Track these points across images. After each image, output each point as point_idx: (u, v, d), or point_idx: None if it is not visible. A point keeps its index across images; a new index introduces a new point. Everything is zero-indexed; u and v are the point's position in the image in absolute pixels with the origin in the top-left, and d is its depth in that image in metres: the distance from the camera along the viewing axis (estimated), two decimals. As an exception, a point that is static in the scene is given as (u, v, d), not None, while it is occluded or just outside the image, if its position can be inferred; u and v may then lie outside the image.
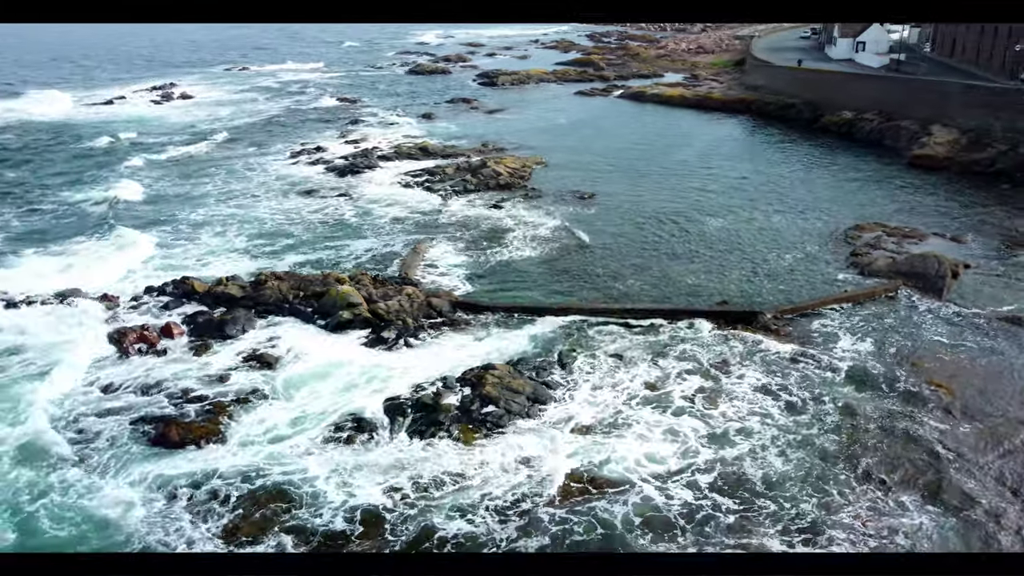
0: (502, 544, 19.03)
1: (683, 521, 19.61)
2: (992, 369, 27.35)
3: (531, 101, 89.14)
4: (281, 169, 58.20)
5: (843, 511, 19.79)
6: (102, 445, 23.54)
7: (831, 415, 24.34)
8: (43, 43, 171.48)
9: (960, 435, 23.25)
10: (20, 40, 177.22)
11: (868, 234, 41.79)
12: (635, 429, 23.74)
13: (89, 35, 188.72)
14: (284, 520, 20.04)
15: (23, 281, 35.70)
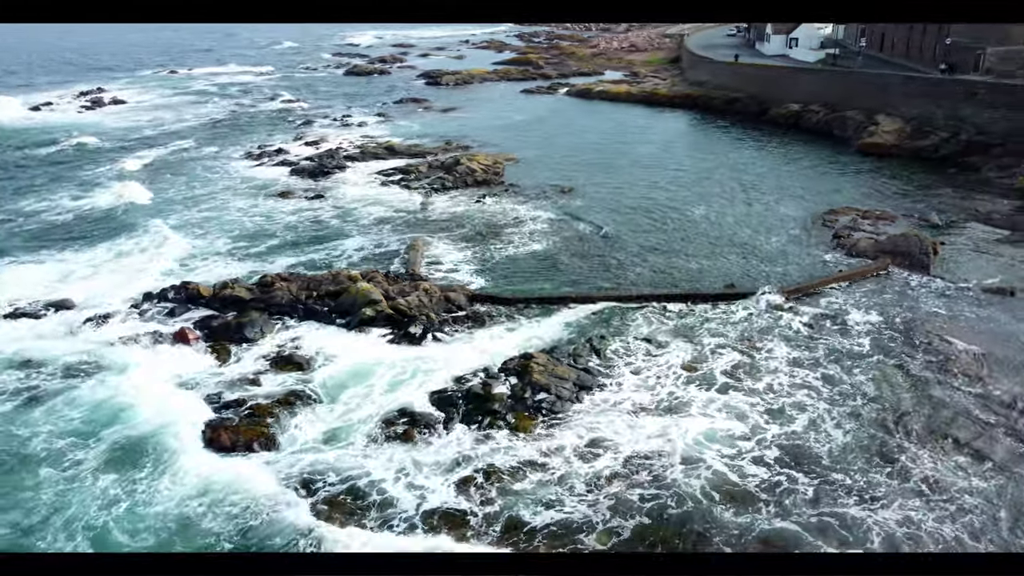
0: (598, 526, 19.28)
1: (764, 495, 20.30)
2: (996, 336, 29.21)
3: (481, 100, 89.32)
4: (244, 171, 56.66)
5: (911, 478, 20.84)
6: (152, 450, 22.63)
7: (867, 385, 25.55)
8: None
9: (990, 397, 24.80)
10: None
11: (844, 217, 43.84)
12: (691, 407, 24.41)
13: (3, 35, 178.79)
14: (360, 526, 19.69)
15: (14, 292, 33.93)
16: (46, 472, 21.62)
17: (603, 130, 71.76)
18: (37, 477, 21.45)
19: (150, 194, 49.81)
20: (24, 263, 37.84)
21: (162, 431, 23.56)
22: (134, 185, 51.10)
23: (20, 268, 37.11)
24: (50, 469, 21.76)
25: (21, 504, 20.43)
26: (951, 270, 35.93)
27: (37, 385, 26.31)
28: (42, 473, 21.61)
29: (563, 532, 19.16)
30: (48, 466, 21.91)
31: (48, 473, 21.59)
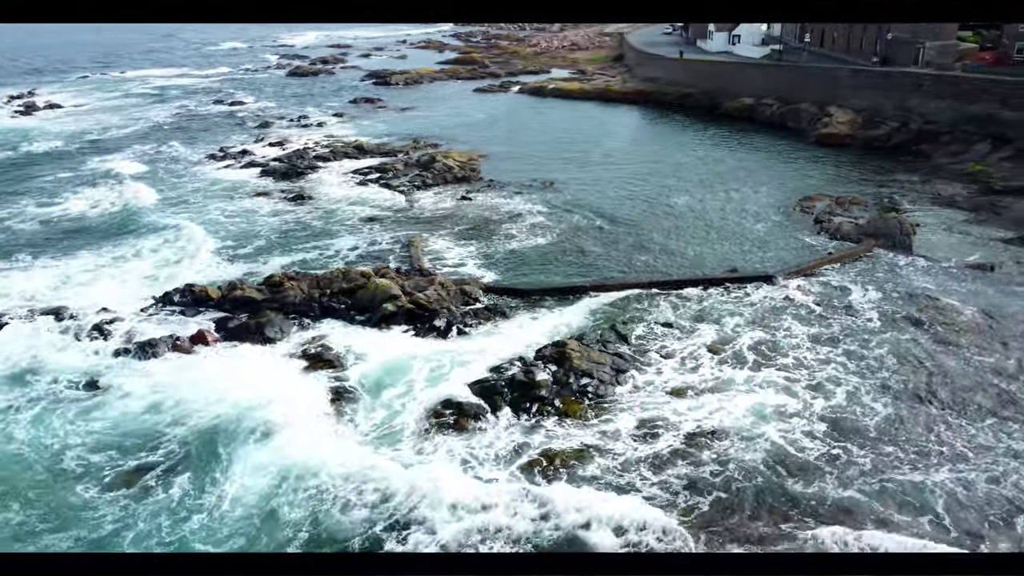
0: (678, 504, 19.89)
1: (826, 466, 21.27)
2: (988, 308, 31.13)
3: (436, 99, 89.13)
4: (212, 174, 55.28)
5: (954, 443, 22.16)
6: (218, 452, 22.18)
7: (887, 358, 26.94)
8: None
9: (1000, 365, 26.53)
10: None
11: (819, 203, 45.79)
12: (732, 385, 25.32)
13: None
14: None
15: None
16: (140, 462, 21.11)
17: (565, 126, 72.68)
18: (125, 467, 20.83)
19: (122, 199, 48.09)
20: (5, 271, 36.16)
21: (217, 433, 23.10)
22: (103, 190, 49.35)
23: (6, 277, 35.48)
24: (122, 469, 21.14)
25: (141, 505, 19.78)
26: (930, 250, 38.02)
27: (67, 395, 25.38)
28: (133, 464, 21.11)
29: (642, 516, 19.45)
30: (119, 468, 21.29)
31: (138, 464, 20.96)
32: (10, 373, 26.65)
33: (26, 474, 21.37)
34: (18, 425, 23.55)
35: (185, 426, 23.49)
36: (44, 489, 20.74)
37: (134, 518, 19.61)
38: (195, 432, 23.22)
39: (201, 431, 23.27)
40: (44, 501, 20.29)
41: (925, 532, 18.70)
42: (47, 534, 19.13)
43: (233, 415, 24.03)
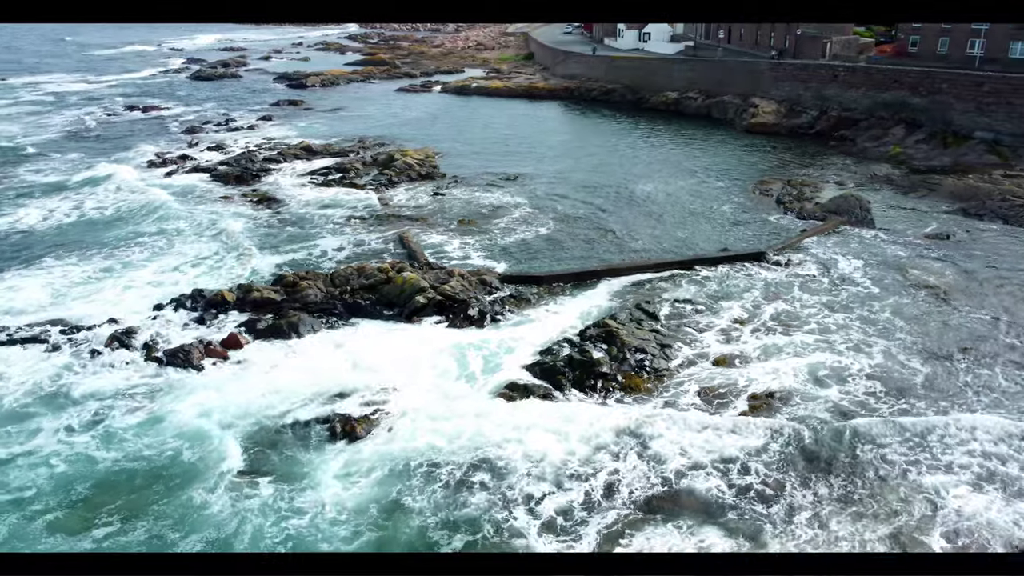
0: (774, 457, 21.44)
1: (900, 416, 23.36)
2: (960, 271, 34.59)
3: (361, 99, 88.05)
4: (159, 180, 52.67)
5: (992, 391, 24.78)
6: (297, 452, 21.86)
7: (897, 320, 29.59)
8: None
9: (994, 320, 29.66)
10: None
11: (775, 186, 48.91)
12: (774, 351, 27.14)
13: None
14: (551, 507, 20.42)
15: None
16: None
17: (504, 123, 73.76)
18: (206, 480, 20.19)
19: (77, 209, 45.32)
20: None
21: (296, 433, 22.77)
22: (54, 201, 46.29)
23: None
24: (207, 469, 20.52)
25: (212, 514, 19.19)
26: (888, 224, 41.55)
27: (110, 412, 24.20)
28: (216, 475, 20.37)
29: (736, 455, 21.06)
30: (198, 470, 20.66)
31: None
32: (46, 394, 25.03)
33: (134, 485, 20.47)
34: (95, 443, 22.32)
35: (266, 427, 23.03)
36: (160, 498, 19.92)
37: (257, 517, 19.20)
38: (282, 431, 22.81)
39: (285, 430, 22.88)
40: (165, 509, 19.53)
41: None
42: (182, 540, 18.51)
43: (310, 412, 23.79)
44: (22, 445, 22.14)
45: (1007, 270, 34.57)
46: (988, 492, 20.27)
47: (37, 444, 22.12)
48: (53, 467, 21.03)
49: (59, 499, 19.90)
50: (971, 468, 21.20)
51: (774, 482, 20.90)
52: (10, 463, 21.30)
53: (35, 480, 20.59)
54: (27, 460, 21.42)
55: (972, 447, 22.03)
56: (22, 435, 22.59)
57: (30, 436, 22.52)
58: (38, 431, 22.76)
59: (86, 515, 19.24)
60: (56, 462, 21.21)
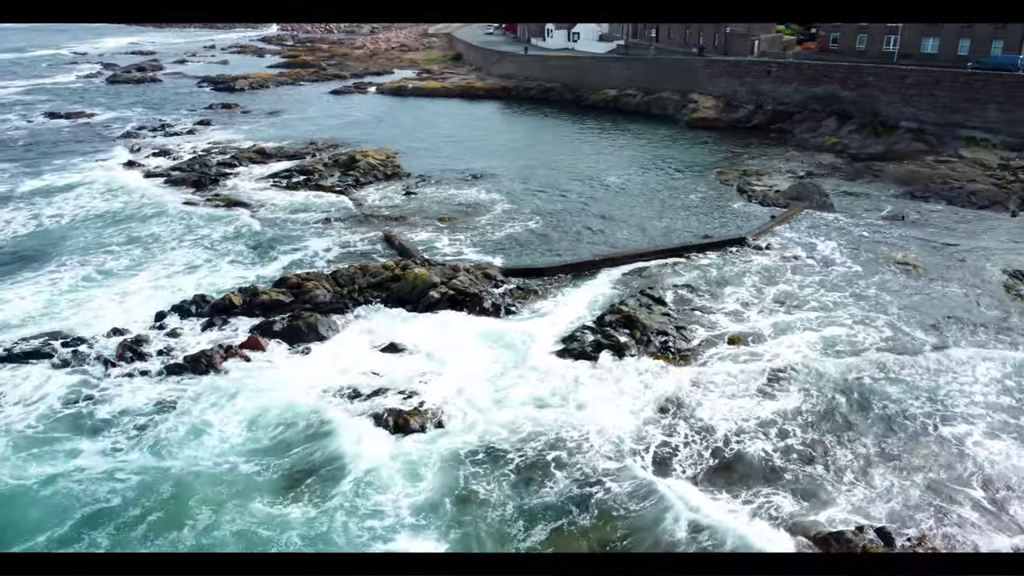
0: (810, 421, 23.01)
1: (921, 380, 25.34)
2: (923, 246, 37.45)
3: (298, 102, 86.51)
4: (113, 186, 50.65)
5: (985, 345, 27.22)
6: (357, 449, 21.97)
7: (885, 295, 31.87)
8: None
9: (967, 290, 32.38)
10: None
11: (733, 176, 51.28)
12: (785, 329, 28.85)
13: None
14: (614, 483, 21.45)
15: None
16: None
17: (450, 122, 74.16)
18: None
19: (34, 219, 43.19)
20: None
21: (348, 431, 22.86)
22: (6, 212, 43.89)
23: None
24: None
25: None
26: (846, 208, 44.38)
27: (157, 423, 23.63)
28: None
29: (783, 433, 22.55)
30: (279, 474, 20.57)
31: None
32: (72, 413, 24.09)
33: (207, 493, 20.12)
34: (150, 457, 21.74)
35: (316, 426, 23.03)
36: (220, 502, 19.69)
37: (340, 519, 19.25)
38: (334, 430, 22.83)
39: (337, 428, 22.91)
40: (227, 512, 19.33)
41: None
42: (275, 541, 18.44)
43: (355, 408, 23.88)
44: (71, 462, 21.36)
45: (963, 246, 37.61)
46: (1004, 439, 22.39)
47: (85, 464, 21.28)
48: (122, 481, 20.43)
49: (146, 507, 19.51)
50: (984, 419, 23.32)
51: (812, 442, 22.47)
52: (68, 479, 20.57)
53: (104, 494, 19.99)
54: (83, 477, 20.71)
55: (978, 400, 24.21)
56: (61, 456, 21.67)
57: (71, 456, 21.59)
58: (77, 451, 21.88)
59: (179, 520, 18.89)
60: (123, 476, 20.61)
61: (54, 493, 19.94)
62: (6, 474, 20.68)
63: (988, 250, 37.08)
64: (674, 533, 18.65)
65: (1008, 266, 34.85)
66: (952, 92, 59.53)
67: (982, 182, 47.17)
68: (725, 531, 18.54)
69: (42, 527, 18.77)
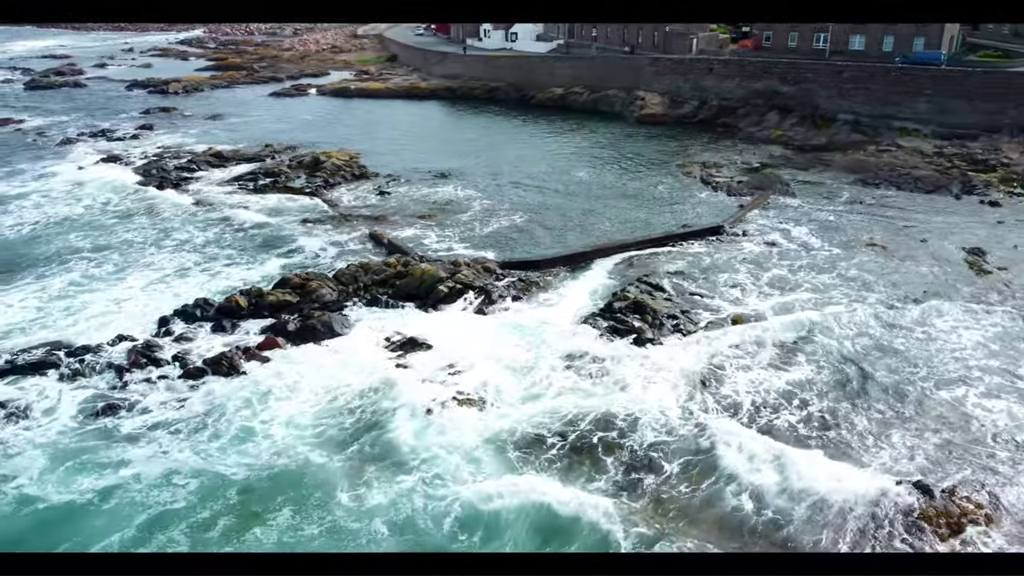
0: (824, 391, 24.58)
1: (914, 351, 27.27)
2: (886, 228, 39.98)
3: (239, 104, 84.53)
4: (74, 193, 48.83)
5: (968, 319, 29.47)
6: (411, 440, 22.31)
7: (867, 275, 33.99)
8: None
9: (933, 263, 34.90)
10: None
11: (694, 169, 53.25)
12: (784, 309, 30.49)
13: None
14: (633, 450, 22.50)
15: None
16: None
17: (402, 122, 74.15)
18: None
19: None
20: None
21: (394, 422, 23.17)
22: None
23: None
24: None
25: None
26: (807, 195, 46.83)
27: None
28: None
29: (803, 403, 24.07)
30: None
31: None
32: (104, 422, 23.56)
33: (273, 493, 20.15)
34: (204, 461, 21.53)
35: (364, 419, 23.36)
36: (300, 499, 19.78)
37: (396, 503, 19.63)
38: (380, 422, 23.10)
39: (383, 420, 23.18)
40: (309, 508, 19.45)
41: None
42: (358, 536, 18.68)
43: (392, 400, 24.20)
44: (121, 471, 20.95)
45: (920, 227, 40.36)
46: (1001, 399, 24.48)
47: (138, 471, 20.89)
48: (182, 485, 20.20)
49: (216, 509, 19.46)
50: (978, 381, 25.41)
51: (830, 410, 24.08)
52: (127, 488, 20.22)
53: (167, 499, 19.77)
54: (141, 484, 20.38)
55: (969, 364, 26.32)
56: (109, 465, 21.22)
57: (120, 466, 21.16)
58: (125, 460, 21.45)
59: (260, 519, 18.87)
60: (182, 480, 20.38)
61: (116, 502, 19.61)
62: (56, 488, 20.17)
63: (943, 230, 39.88)
64: (756, 492, 19.80)
65: (964, 244, 37.62)
66: (885, 86, 63.31)
67: (924, 169, 50.53)
68: (800, 493, 19.81)
69: (112, 534, 18.49)
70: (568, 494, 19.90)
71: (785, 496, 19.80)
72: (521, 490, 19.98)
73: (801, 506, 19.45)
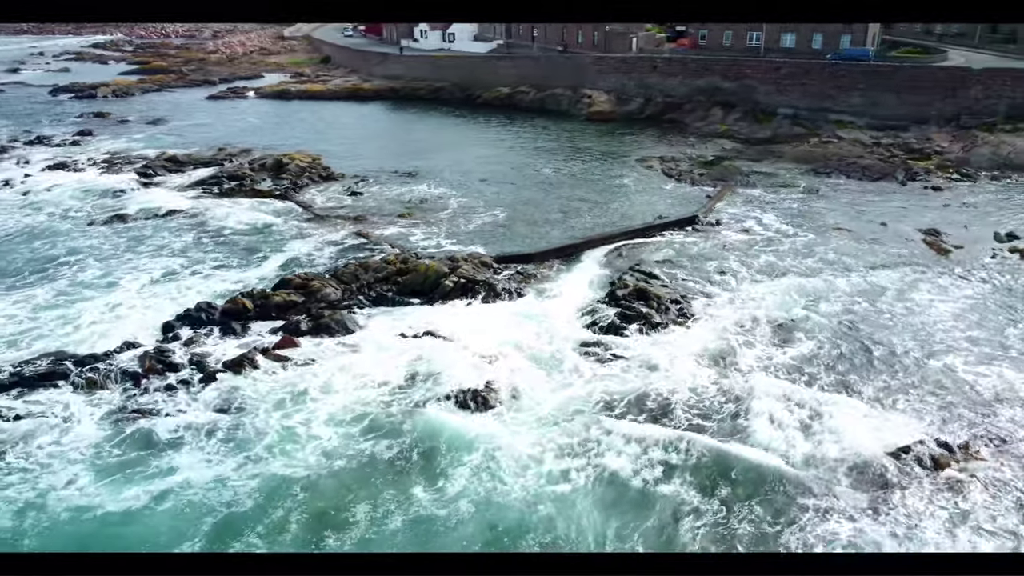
0: (829, 363, 26.29)
1: (899, 321, 29.33)
2: (847, 212, 42.50)
3: (177, 109, 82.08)
4: (30, 199, 46.82)
5: (940, 291, 31.82)
6: (459, 432, 22.80)
7: (846, 257, 36.08)
8: None
9: (897, 252, 37.41)
10: None
11: (654, 163, 55.03)
12: (779, 291, 32.22)
13: None
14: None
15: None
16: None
17: (353, 124, 73.71)
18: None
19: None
20: None
21: (437, 413, 23.59)
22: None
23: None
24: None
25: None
26: (766, 185, 49.18)
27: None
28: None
29: (811, 379, 25.72)
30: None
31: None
32: (135, 430, 23.12)
33: (327, 487, 20.29)
34: (249, 459, 21.49)
35: (404, 411, 23.65)
36: (373, 495, 19.99)
37: (465, 491, 20.13)
38: (420, 414, 23.46)
39: (424, 411, 23.56)
40: (384, 503, 19.66)
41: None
42: (421, 529, 19.05)
43: (425, 392, 24.65)
44: (172, 477, 20.66)
45: (877, 212, 43.07)
46: (991, 365, 26.66)
47: (189, 476, 20.62)
48: (240, 487, 20.08)
49: (286, 507, 19.49)
50: (964, 349, 27.60)
51: (837, 382, 25.68)
52: (181, 494, 19.97)
53: (226, 501, 19.66)
54: (196, 489, 20.15)
55: (952, 334, 28.54)
56: (157, 473, 20.84)
57: (168, 472, 20.76)
58: (172, 467, 21.08)
59: (336, 518, 19.02)
60: (238, 482, 20.24)
61: (174, 507, 19.35)
62: (111, 497, 19.75)
63: (897, 214, 42.68)
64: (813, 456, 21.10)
65: (919, 226, 40.43)
66: (820, 81, 66.78)
67: (869, 158, 53.75)
68: (837, 449, 21.33)
69: (180, 538, 18.32)
70: (623, 461, 20.83)
71: (824, 449, 21.26)
72: (588, 463, 20.79)
73: (842, 464, 20.90)
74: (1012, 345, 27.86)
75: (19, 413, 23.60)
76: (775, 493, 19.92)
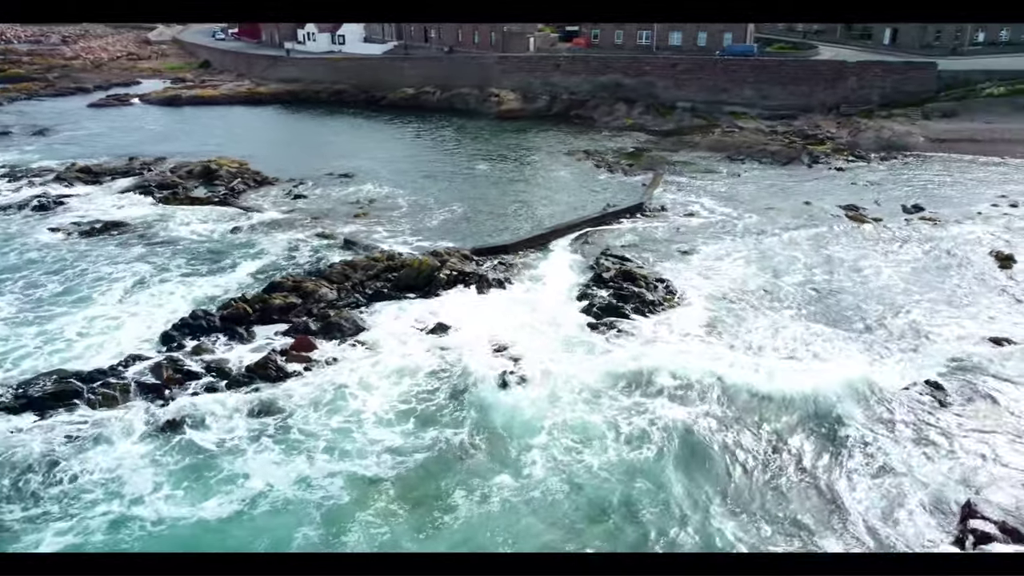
0: (801, 313, 29.29)
1: (870, 284, 32.83)
2: (774, 196, 46.45)
3: (59, 117, 76.58)
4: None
5: (890, 253, 35.76)
6: (511, 409, 23.83)
7: (796, 233, 39.44)
8: None
9: (834, 226, 41.50)
10: None
11: (582, 156, 57.49)
12: (752, 264, 35.06)
13: None
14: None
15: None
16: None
17: (259, 128, 72.16)
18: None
19: None
20: None
21: (478, 395, 24.49)
22: None
23: None
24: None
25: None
26: (691, 173, 52.68)
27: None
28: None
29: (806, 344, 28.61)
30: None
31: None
32: (184, 440, 22.56)
33: (414, 480, 20.86)
34: (314, 461, 21.61)
35: (443, 400, 24.34)
36: (448, 485, 20.60)
37: (546, 473, 21.23)
38: (464, 398, 24.26)
39: (470, 394, 24.38)
40: (471, 492, 20.27)
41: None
42: (513, 511, 19.94)
43: (458, 379, 25.42)
44: (253, 480, 20.51)
45: (798, 192, 47.34)
46: (944, 316, 30.43)
47: (270, 479, 20.43)
48: (327, 484, 20.24)
49: (380, 504, 19.81)
50: (920, 304, 31.32)
51: (825, 338, 28.54)
52: (271, 494, 19.91)
53: (322, 497, 19.86)
54: (283, 488, 20.17)
55: (908, 293, 32.31)
56: (232, 479, 20.47)
57: (243, 477, 20.53)
58: (244, 473, 20.66)
59: (424, 508, 19.67)
60: (323, 480, 20.41)
61: (272, 508, 19.27)
62: (195, 506, 19.29)
63: (813, 194, 47.05)
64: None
65: (838, 203, 44.81)
66: (714, 76, 71.73)
67: (775, 145, 58.54)
68: (867, 392, 23.95)
69: (293, 535, 18.42)
70: (682, 414, 22.66)
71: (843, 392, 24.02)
72: (652, 424, 22.46)
73: (861, 403, 23.62)
74: (961, 300, 31.82)
75: (55, 434, 22.46)
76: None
